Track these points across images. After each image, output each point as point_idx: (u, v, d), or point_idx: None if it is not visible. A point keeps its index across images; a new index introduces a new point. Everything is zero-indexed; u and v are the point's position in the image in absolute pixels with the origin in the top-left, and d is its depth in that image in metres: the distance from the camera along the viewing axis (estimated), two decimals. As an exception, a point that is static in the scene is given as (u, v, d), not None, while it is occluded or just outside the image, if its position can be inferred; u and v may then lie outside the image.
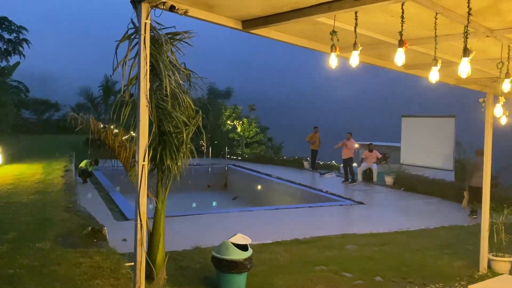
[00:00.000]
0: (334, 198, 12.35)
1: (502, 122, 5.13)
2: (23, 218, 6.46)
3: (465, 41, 2.73)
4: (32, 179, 10.48)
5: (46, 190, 9.05)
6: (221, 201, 16.86)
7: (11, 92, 22.91)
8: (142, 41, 3.39)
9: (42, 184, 9.79)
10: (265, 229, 8.64)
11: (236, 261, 5.19)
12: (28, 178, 10.63)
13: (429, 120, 16.95)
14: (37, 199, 7.96)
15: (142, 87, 3.42)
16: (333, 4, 3.12)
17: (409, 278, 6.21)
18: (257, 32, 3.95)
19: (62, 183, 9.88)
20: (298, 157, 20.58)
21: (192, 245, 7.06)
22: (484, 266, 6.64)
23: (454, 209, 11.61)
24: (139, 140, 3.44)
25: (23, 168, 12.42)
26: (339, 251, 7.34)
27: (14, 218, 6.43)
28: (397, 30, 3.65)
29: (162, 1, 3.35)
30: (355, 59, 3.14)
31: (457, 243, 8.20)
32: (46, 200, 7.94)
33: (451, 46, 4.15)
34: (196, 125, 5.18)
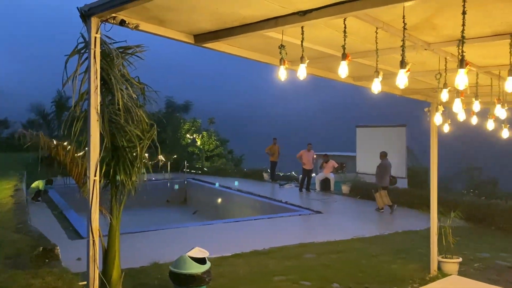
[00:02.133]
0: (294, 208, 12.51)
1: (445, 130, 5.44)
2: (-32, 241, 6.14)
3: (402, 54, 2.90)
4: (-22, 199, 9.97)
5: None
6: (181, 216, 16.62)
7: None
8: (92, 56, 3.37)
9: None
10: (225, 242, 8.62)
11: (194, 275, 5.16)
12: (-26, 198, 10.11)
13: (382, 129, 17.61)
14: (-17, 220, 7.59)
15: (92, 101, 3.39)
16: (279, 20, 3.25)
17: (365, 284, 6.39)
18: (209, 46, 4.01)
19: (11, 203, 9.46)
20: (258, 169, 20.71)
21: (150, 261, 6.94)
22: (435, 268, 6.93)
23: (407, 215, 12.05)
24: (90, 155, 3.40)
25: (-32, 189, 11.80)
26: (298, 261, 7.44)
27: (-41, 241, 6.11)
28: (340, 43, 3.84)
29: (113, 16, 3.36)
30: (303, 72, 3.26)
31: (410, 247, 8.51)
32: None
33: (393, 58, 4.37)
34: (150, 139, 5.14)
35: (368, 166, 16.89)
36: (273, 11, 3.14)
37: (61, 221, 10.17)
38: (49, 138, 5.20)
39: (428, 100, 6.66)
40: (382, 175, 12.67)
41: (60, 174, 5.19)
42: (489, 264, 7.60)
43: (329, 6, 2.93)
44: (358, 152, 17.77)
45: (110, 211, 5.07)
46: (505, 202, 11.52)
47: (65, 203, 12.46)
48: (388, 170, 12.79)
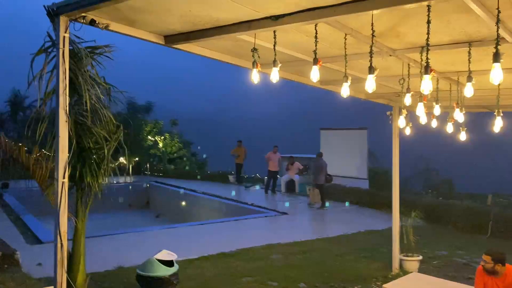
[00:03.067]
0: (260, 210, 12.59)
1: (407, 133, 5.66)
2: None
3: (370, 59, 3.03)
4: None
5: None
6: (144, 220, 16.33)
7: None
8: (61, 55, 3.30)
9: None
10: (191, 245, 8.57)
11: (161, 278, 5.13)
12: None
13: (344, 132, 18.03)
14: None
15: (61, 102, 3.32)
16: (252, 23, 3.30)
17: (331, 283, 6.54)
18: (180, 47, 4.01)
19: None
20: (223, 172, 20.67)
21: (115, 265, 6.81)
22: (396, 266, 7.18)
23: (369, 215, 12.39)
24: (59, 156, 3.32)
25: None
26: (265, 261, 7.52)
27: None
28: (312, 48, 3.94)
29: (82, 15, 3.30)
30: (275, 75, 3.33)
31: (373, 246, 8.77)
32: None
33: (360, 63, 4.53)
34: (117, 140, 5.07)
35: (332, 168, 17.26)
36: (246, 15, 3.19)
37: (18, 226, 9.79)
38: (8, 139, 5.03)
39: (390, 104, 6.91)
40: (317, 173, 13.54)
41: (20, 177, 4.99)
42: (447, 261, 7.95)
43: (300, 12, 3.01)
44: (322, 154, 18.08)
45: (75, 214, 4.97)
46: (460, 202, 12.09)
47: (22, 207, 11.99)
48: (323, 169, 13.66)
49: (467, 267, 7.63)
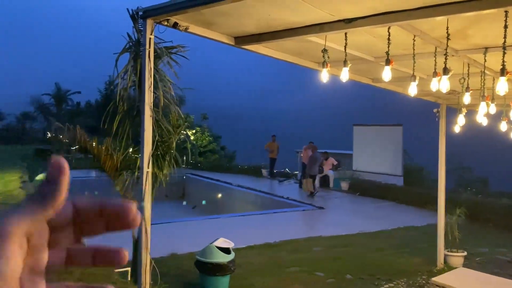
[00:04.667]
0: (296, 204, 12.81)
1: (456, 131, 5.77)
2: None
3: (445, 61, 3.19)
4: (-13, 191, 10.08)
5: (9, 201, 8.77)
6: (180, 211, 16.82)
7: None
8: (146, 55, 3.59)
9: (2, 196, 9.46)
10: (235, 235, 8.80)
11: (220, 264, 5.42)
12: (-18, 190, 10.21)
13: (378, 128, 17.98)
14: (3, 211, 7.73)
15: (146, 98, 3.62)
16: (325, 26, 3.51)
17: (376, 275, 6.70)
18: (248, 48, 4.26)
19: (23, 194, 9.59)
20: (255, 165, 20.97)
21: (168, 252, 7.17)
22: (441, 261, 7.28)
23: (406, 211, 12.43)
24: (144, 148, 3.63)
25: (-26, 180, 11.86)
26: (308, 253, 7.75)
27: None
28: (374, 48, 4.13)
29: (166, 18, 3.59)
30: (345, 75, 3.53)
31: (413, 242, 8.87)
32: (12, 212, 7.73)
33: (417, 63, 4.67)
34: (179, 134, 5.40)
35: (365, 164, 17.31)
36: (320, 18, 3.40)
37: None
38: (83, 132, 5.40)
39: (438, 102, 6.99)
40: (311, 165, 14.74)
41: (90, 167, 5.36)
42: (490, 258, 7.99)
43: (375, 16, 3.20)
44: (355, 150, 18.12)
45: (141, 203, 5.31)
46: (499, 200, 11.99)
47: (71, 196, 12.57)
48: (317, 161, 14.92)
49: (510, 265, 7.66)
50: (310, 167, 14.76)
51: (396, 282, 6.46)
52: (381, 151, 16.99)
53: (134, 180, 5.17)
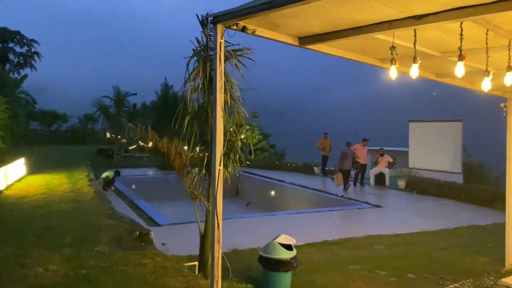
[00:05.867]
0: (351, 202, 12.71)
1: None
2: (72, 225, 6.79)
3: (523, 55, 3.11)
4: (61, 188, 10.82)
5: (80, 198, 9.38)
6: (235, 207, 17.15)
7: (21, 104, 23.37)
8: (218, 58, 3.76)
9: (73, 193, 10.12)
10: (294, 232, 8.81)
11: (283, 260, 5.53)
12: (56, 187, 10.96)
13: (436, 124, 17.40)
14: (76, 206, 8.30)
15: (218, 99, 3.79)
16: (393, 23, 3.51)
17: (440, 275, 6.55)
18: (312, 47, 4.33)
19: (92, 192, 10.22)
20: (307, 163, 20.95)
21: (230, 248, 7.38)
22: (510, 261, 6.98)
23: (468, 210, 11.99)
24: (216, 147, 3.81)
25: (47, 178, 12.75)
26: (368, 251, 7.69)
27: (63, 225, 6.77)
28: (443, 43, 4.07)
29: (235, 22, 3.74)
30: (415, 71, 3.52)
31: (478, 241, 8.56)
32: (84, 207, 8.28)
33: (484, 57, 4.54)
34: (242, 132, 5.57)
35: (422, 161, 16.80)
36: (389, 15, 3.41)
37: (135, 210, 10.85)
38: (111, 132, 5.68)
39: (505, 96, 6.71)
40: (342, 160, 15.13)
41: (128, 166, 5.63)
42: None
43: (447, 11, 3.17)
44: (411, 147, 17.65)
45: (207, 199, 5.54)
46: None
47: (132, 193, 13.22)
48: (347, 156, 15.18)
49: None
50: (341, 162, 15.07)
51: (461, 282, 6.28)
52: (439, 148, 16.45)
53: (202, 177, 5.41)
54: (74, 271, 4.65)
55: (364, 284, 6.11)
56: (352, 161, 15.29)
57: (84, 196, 9.63)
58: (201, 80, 4.41)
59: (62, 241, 5.81)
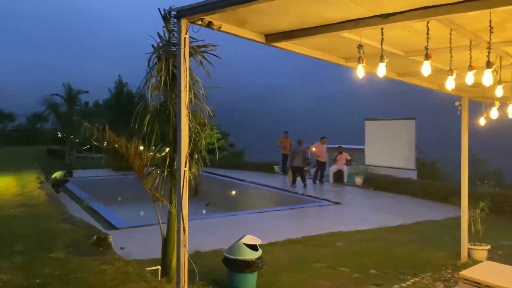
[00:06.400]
0: (312, 200, 12.83)
1: (481, 124, 5.74)
2: (23, 231, 6.39)
3: (488, 55, 3.18)
4: (9, 192, 10.20)
5: (30, 202, 8.87)
6: (194, 208, 16.85)
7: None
8: (182, 55, 3.60)
9: (23, 196, 9.57)
10: (256, 231, 8.77)
11: (248, 261, 5.44)
12: (4, 191, 10.33)
13: (391, 122, 17.91)
14: (26, 211, 7.83)
15: (183, 97, 3.63)
16: (360, 21, 3.50)
17: (401, 270, 6.69)
18: (278, 45, 4.26)
19: (43, 195, 9.70)
20: (267, 162, 21.00)
21: (192, 250, 7.16)
22: (465, 255, 7.26)
23: (423, 205, 12.41)
24: (181, 148, 3.65)
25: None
26: (331, 249, 7.76)
27: (14, 231, 6.35)
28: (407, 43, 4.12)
29: (200, 18, 3.59)
30: (382, 70, 3.53)
31: (435, 236, 8.85)
32: (36, 212, 7.83)
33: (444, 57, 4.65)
34: (205, 132, 5.42)
35: (378, 158, 17.26)
36: (357, 14, 3.39)
37: (90, 213, 10.41)
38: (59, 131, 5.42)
39: (461, 95, 6.95)
40: (292, 157, 15.74)
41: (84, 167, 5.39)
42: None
43: (414, 10, 3.18)
44: (367, 145, 18.08)
45: (169, 201, 5.36)
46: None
47: (88, 196, 12.69)
48: (298, 153, 15.59)
49: (534, 257, 7.62)
50: (292, 160, 15.60)
51: (421, 276, 6.44)
52: (393, 145, 16.94)
53: (164, 179, 5.22)
54: (27, 280, 4.34)
55: (329, 281, 6.13)
56: (303, 158, 15.65)
57: (35, 200, 9.11)
58: (163, 77, 4.23)
59: (12, 249, 5.43)
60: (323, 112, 75.48)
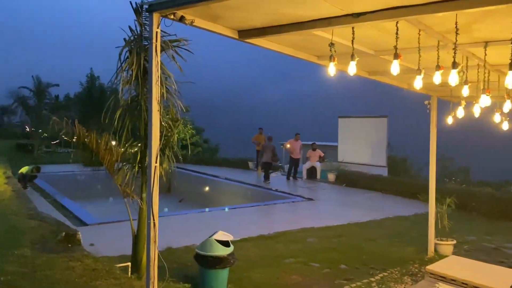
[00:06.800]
0: (285, 196, 12.92)
1: (449, 122, 5.90)
2: (-13, 228, 6.19)
3: (454, 55, 3.26)
4: (-27, 187, 9.85)
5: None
6: (167, 204, 16.72)
7: None
8: (153, 49, 3.55)
9: (-12, 192, 9.26)
10: (229, 227, 8.79)
11: (220, 257, 5.43)
12: (-32, 186, 9.97)
13: (363, 120, 18.21)
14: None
15: (154, 92, 3.59)
16: (333, 20, 3.53)
17: (370, 265, 6.83)
18: (251, 42, 4.26)
19: (10, 190, 9.42)
20: (241, 158, 21.01)
21: (164, 246, 7.14)
22: (432, 249, 7.47)
23: (393, 201, 12.68)
24: (151, 143, 3.61)
25: (-44, 177, 11.57)
26: (303, 244, 7.84)
27: (-23, 228, 6.15)
28: (378, 42, 4.18)
29: (173, 12, 3.55)
30: (353, 69, 3.57)
31: (403, 231, 9.07)
32: (1, 208, 7.59)
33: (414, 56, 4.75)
34: (177, 128, 5.37)
35: (350, 155, 17.52)
36: (329, 12, 3.42)
37: (59, 209, 10.18)
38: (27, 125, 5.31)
39: (430, 94, 7.12)
40: (262, 153, 16.28)
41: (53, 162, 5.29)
42: (477, 246, 8.23)
43: (384, 10, 3.23)
44: (340, 142, 18.32)
45: (140, 197, 5.29)
46: (482, 189, 12.34)
47: (56, 192, 12.40)
48: (267, 149, 16.16)
49: (497, 252, 7.91)
50: (261, 156, 16.29)
51: (390, 271, 6.59)
52: (366, 143, 17.24)
53: (134, 174, 5.15)
54: (-9, 279, 4.22)
55: (300, 277, 6.20)
56: (272, 154, 16.07)
57: (1, 196, 8.83)
58: (134, 72, 4.17)
59: (-25, 247, 5.26)
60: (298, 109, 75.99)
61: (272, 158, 16.16)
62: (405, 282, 6.17)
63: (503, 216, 10.60)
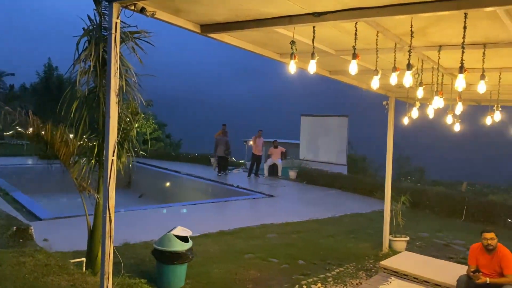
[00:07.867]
0: (246, 192, 12.96)
1: (405, 122, 6.11)
2: None
3: (409, 57, 3.38)
4: None
5: None
6: (126, 200, 16.42)
7: None
8: (113, 40, 3.46)
9: None
10: (188, 223, 8.75)
11: (178, 252, 5.40)
12: None
13: (325, 118, 18.51)
14: None
15: (112, 84, 3.51)
16: (294, 18, 3.58)
17: (327, 260, 6.99)
18: (214, 36, 4.24)
19: (-42, 183, 8.95)
20: (203, 154, 20.87)
21: (121, 242, 7.02)
22: (386, 246, 7.71)
23: (352, 199, 12.99)
24: (109, 135, 3.53)
25: None
26: (262, 240, 7.91)
27: None
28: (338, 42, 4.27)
29: (133, 2, 3.49)
30: (313, 67, 3.63)
31: (360, 228, 9.32)
32: None
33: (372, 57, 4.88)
34: (138, 121, 5.29)
35: (312, 153, 17.80)
36: (291, 10, 3.46)
37: (11, 203, 9.79)
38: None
39: (388, 95, 7.34)
40: (216, 147, 16.72)
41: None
42: (429, 242, 8.57)
43: (344, 11, 3.31)
44: (302, 139, 18.55)
45: (97, 191, 5.17)
46: (435, 188, 12.86)
47: (8, 185, 11.91)
48: (220, 143, 16.63)
49: (447, 248, 8.27)
50: (215, 149, 16.71)
51: (346, 266, 6.76)
52: (327, 141, 17.54)
53: (91, 168, 5.02)
54: None
55: (258, 272, 6.26)
56: (225, 148, 16.49)
57: None
58: (92, 62, 4.06)
59: None
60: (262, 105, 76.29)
61: (224, 151, 16.54)
62: (360, 277, 6.35)
63: (454, 213, 11.09)
